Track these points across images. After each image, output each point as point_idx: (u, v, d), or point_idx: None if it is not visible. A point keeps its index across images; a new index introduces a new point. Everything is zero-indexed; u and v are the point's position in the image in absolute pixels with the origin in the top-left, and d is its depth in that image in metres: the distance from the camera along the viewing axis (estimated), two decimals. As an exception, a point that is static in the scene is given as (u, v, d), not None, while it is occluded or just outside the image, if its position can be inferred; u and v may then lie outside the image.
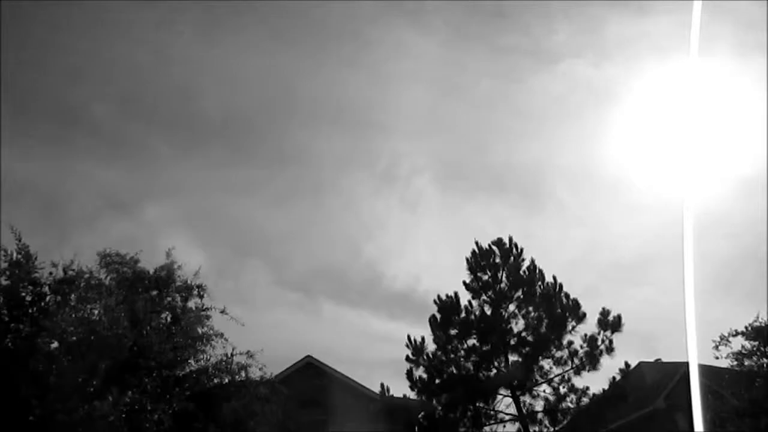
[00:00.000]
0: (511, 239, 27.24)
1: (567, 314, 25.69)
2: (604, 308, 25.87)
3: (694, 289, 20.49)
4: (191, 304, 17.02)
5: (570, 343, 25.79)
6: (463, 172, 42.50)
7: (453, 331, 26.06)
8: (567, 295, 26.05)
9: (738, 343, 21.30)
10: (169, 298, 16.84)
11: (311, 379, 28.23)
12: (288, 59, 40.13)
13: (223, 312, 16.76)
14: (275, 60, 40.07)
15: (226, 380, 16.47)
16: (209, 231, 41.76)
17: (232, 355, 16.69)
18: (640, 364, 29.60)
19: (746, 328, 21.16)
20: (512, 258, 26.93)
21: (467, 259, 26.98)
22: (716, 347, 21.48)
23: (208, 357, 16.61)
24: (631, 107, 40.46)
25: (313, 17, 39.83)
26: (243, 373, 16.66)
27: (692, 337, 17.41)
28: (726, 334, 21.29)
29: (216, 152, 41.90)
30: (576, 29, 42.80)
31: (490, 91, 41.64)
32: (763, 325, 20.93)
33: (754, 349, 21.10)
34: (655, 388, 27.94)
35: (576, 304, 25.86)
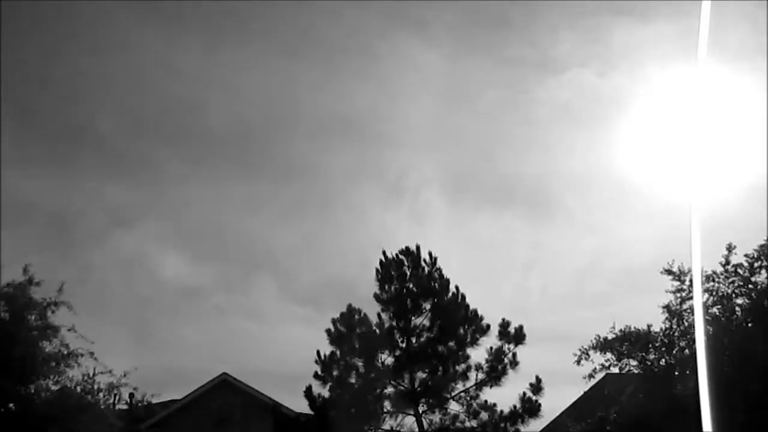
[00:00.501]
0: (418, 248, 26.20)
1: (467, 326, 24.77)
2: (504, 319, 24.86)
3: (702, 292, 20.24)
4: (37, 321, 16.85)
5: (467, 357, 24.95)
6: (471, 184, 42.39)
7: (357, 345, 25.17)
8: (467, 307, 25.02)
9: None
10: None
11: (226, 397, 28.27)
12: (294, 73, 40.46)
13: (71, 330, 16.53)
14: (281, 74, 40.41)
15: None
16: (217, 246, 42.07)
17: (93, 375, 16.37)
18: (606, 375, 28.12)
19: None
20: (423, 268, 25.90)
21: (376, 269, 26.01)
22: None
23: (70, 376, 16.35)
24: (637, 114, 40.18)
25: (319, 31, 40.15)
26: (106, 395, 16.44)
27: (701, 340, 17.27)
28: None
29: (223, 167, 42.24)
30: (581, 38, 42.74)
31: (496, 101, 41.59)
32: None
33: None
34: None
35: (476, 316, 24.87)
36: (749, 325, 19.89)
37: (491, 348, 24.81)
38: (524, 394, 24.43)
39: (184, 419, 27.94)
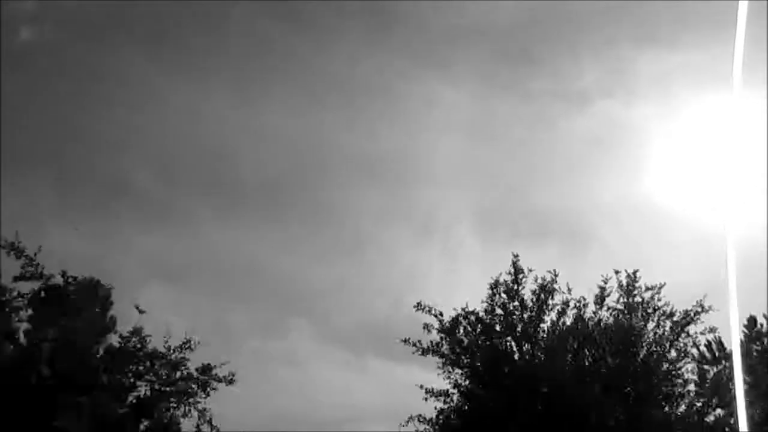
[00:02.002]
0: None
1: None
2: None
3: (739, 321, 19.97)
4: None
5: None
6: (502, 219, 42.17)
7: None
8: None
9: None
10: None
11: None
12: (320, 116, 41.01)
13: None
14: (307, 118, 40.97)
15: None
16: (252, 291, 42.03)
17: None
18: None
19: None
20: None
21: None
22: None
23: None
24: (669, 143, 39.93)
25: (341, 74, 40.77)
26: None
27: (738, 369, 17.05)
28: None
29: (255, 213, 42.66)
30: (605, 69, 42.74)
31: (523, 136, 41.63)
32: None
33: None
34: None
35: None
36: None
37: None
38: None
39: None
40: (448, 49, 40.96)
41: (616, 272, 24.82)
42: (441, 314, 24.51)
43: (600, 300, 24.52)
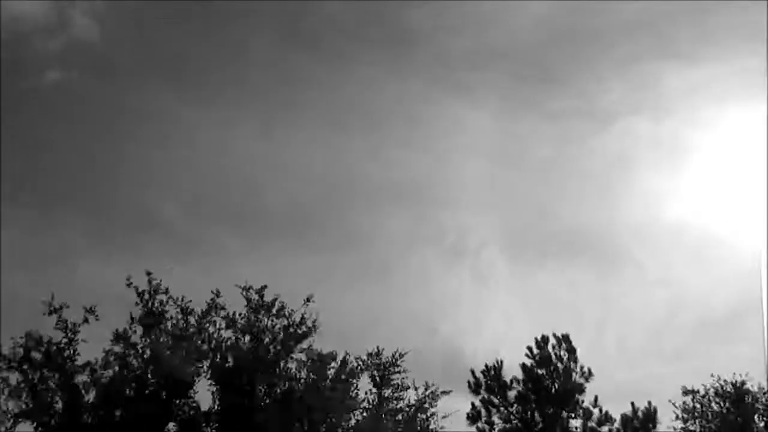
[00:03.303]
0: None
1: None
2: None
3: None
4: None
5: None
6: (531, 240, 41.84)
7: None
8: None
9: None
10: None
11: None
12: (344, 145, 41.22)
13: None
14: (331, 146, 41.20)
15: None
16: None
17: None
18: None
19: None
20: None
21: None
22: None
23: None
24: (699, 158, 39.50)
25: (364, 101, 41.00)
26: None
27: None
28: None
29: (282, 242, 42.79)
30: (629, 86, 42.48)
31: (548, 156, 41.44)
32: None
33: None
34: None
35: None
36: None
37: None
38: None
39: None
40: (470, 72, 41.07)
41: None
42: None
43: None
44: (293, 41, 42.70)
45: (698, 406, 26.01)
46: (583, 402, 26.48)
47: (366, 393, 21.27)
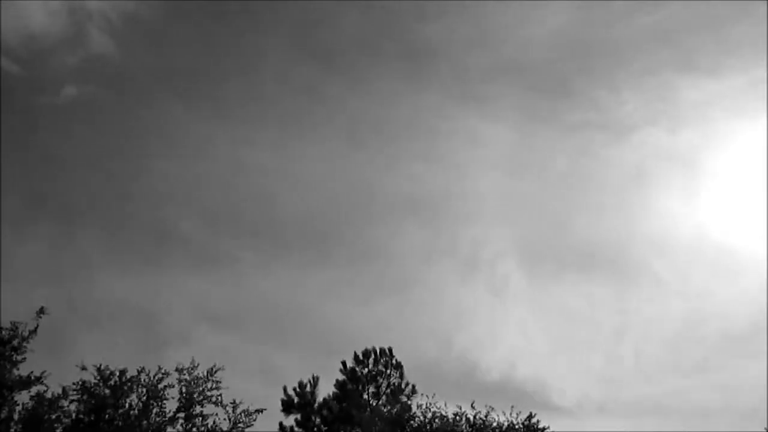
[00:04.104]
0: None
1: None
2: None
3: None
4: None
5: None
6: (548, 253, 41.68)
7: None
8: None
9: None
10: None
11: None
12: (359, 158, 41.31)
13: None
14: (347, 160, 41.29)
15: None
16: (299, 334, 41.98)
17: None
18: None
19: None
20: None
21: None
22: None
23: None
24: (716, 169, 39.25)
25: (380, 115, 41.09)
26: None
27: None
28: None
29: (298, 256, 42.92)
30: (645, 98, 42.34)
31: (565, 168, 41.29)
32: None
33: None
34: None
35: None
36: None
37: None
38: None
39: None
40: (486, 86, 41.11)
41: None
42: None
43: None
44: (309, 55, 43.00)
45: None
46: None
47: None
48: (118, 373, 17.66)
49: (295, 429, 23.71)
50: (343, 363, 24.46)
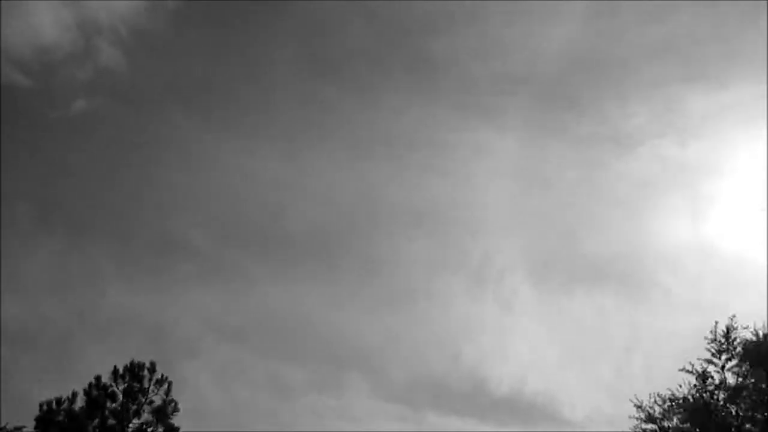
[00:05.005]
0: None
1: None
2: None
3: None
4: None
5: None
6: (556, 265, 41.54)
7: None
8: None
9: None
10: None
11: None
12: (366, 170, 41.37)
13: None
14: (354, 172, 41.37)
15: None
16: (306, 346, 41.96)
17: None
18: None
19: None
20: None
21: None
22: None
23: None
24: (726, 181, 39.09)
25: (387, 127, 41.16)
26: None
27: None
28: None
29: (306, 267, 42.87)
30: (654, 110, 42.26)
31: (574, 180, 41.20)
32: None
33: None
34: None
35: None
36: None
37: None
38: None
39: None
40: (494, 97, 41.14)
41: None
42: None
43: None
44: (317, 68, 43.21)
45: None
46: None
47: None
48: None
49: None
50: (98, 378, 23.90)
